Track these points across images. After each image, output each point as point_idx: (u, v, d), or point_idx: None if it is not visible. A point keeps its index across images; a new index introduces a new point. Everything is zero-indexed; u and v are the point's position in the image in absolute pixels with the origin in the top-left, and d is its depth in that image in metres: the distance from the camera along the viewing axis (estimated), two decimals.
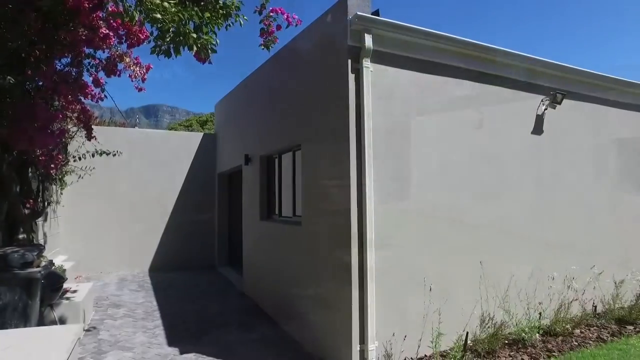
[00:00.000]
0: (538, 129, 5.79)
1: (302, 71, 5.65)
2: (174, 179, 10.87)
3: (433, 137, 4.92)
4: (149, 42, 3.38)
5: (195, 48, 3.19)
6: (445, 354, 4.50)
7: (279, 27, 3.65)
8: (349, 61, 4.37)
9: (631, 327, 5.59)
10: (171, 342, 5.36)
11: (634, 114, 7.09)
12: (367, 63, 4.40)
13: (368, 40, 4.34)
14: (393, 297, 4.45)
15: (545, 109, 5.79)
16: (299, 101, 5.66)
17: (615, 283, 6.15)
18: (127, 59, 5.00)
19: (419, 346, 4.48)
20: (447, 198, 4.96)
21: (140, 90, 5.34)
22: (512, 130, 5.60)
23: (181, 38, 3.01)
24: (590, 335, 5.30)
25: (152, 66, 5.22)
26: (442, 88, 5.03)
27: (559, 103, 5.70)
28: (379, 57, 4.54)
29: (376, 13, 4.42)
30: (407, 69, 4.77)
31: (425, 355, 4.55)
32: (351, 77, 4.38)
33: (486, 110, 5.36)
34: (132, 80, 5.20)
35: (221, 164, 10.64)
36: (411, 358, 4.48)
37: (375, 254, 4.32)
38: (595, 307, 5.98)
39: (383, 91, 4.55)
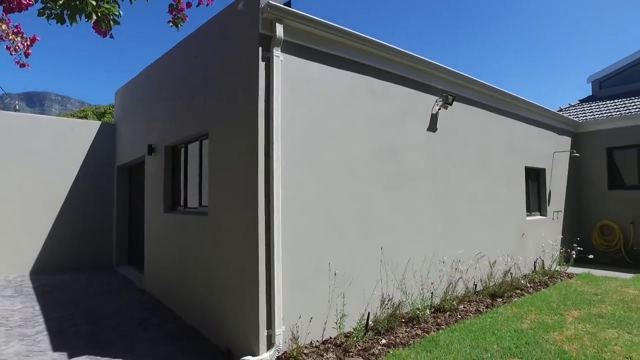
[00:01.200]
0: (433, 127, 6.40)
1: (211, 57, 5.51)
2: (64, 171, 9.76)
3: (339, 130, 5.15)
4: (37, 2, 2.99)
5: (94, 17, 2.91)
6: (349, 334, 4.75)
7: (189, 5, 3.51)
8: (260, 49, 4.39)
9: (500, 300, 6.48)
10: (57, 347, 4.83)
11: (510, 121, 8.21)
12: (277, 52, 4.46)
13: (279, 30, 4.40)
14: (300, 283, 4.57)
15: (439, 109, 6.43)
16: (208, 89, 5.52)
17: (490, 264, 7.07)
18: (4, 27, 4.38)
19: (324, 329, 4.67)
20: (351, 188, 5.22)
21: (22, 66, 4.66)
22: (411, 127, 6.10)
23: (77, 3, 2.72)
24: (471, 309, 6.01)
25: (38, 38, 4.64)
26: (349, 83, 5.30)
27: (450, 104, 6.37)
28: (290, 48, 4.64)
29: (288, 4, 4.50)
30: (317, 61, 4.93)
31: (330, 337, 4.76)
32: (261, 65, 4.40)
33: (389, 106, 5.77)
34: (12, 54, 4.55)
35: (121, 155, 9.86)
36: (317, 340, 4.65)
37: (282, 242, 4.40)
38: (476, 285, 6.79)
39: (293, 81, 4.65)
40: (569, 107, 13.53)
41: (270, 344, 4.27)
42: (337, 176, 5.06)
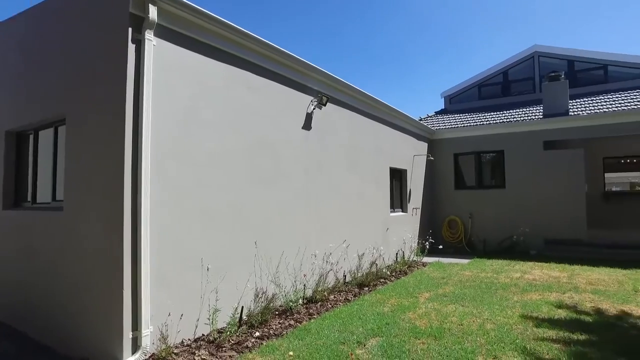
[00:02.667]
0: (308, 125, 6.70)
1: (74, 32, 4.89)
2: None
3: (214, 122, 5.04)
4: None
5: None
6: (222, 330, 4.68)
7: None
8: (130, 30, 4.06)
9: (367, 288, 7.10)
10: None
11: (379, 125, 9.04)
12: (150, 36, 4.19)
13: (152, 12, 4.14)
14: (169, 279, 4.35)
15: (314, 109, 6.77)
16: (68, 68, 4.88)
17: (359, 257, 7.70)
18: None
19: (196, 326, 4.53)
20: (225, 181, 5.15)
21: None
22: (287, 124, 6.29)
23: None
24: (340, 298, 6.46)
25: None
26: (226, 75, 5.23)
27: (324, 105, 6.76)
28: (166, 33, 4.41)
29: None
30: (194, 50, 4.77)
31: (203, 334, 4.63)
32: (131, 48, 4.08)
33: (265, 102, 5.86)
34: None
35: None
36: (189, 338, 4.48)
37: (150, 237, 4.14)
38: (345, 276, 7.32)
39: (166, 68, 4.42)
40: (427, 117, 15.47)
41: (136, 347, 3.98)
42: (211, 169, 4.95)
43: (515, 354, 4.07)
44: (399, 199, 10.45)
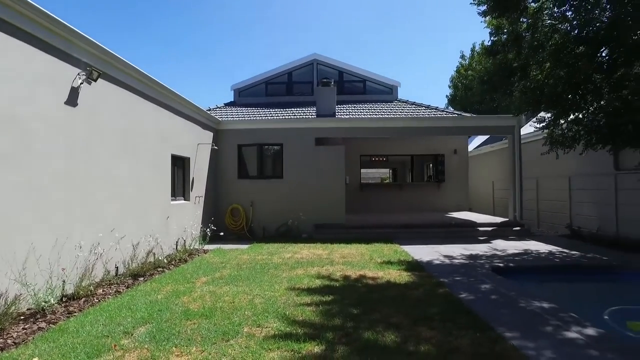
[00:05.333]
0: (73, 101, 5.86)
1: None
2: None
3: None
4: None
5: None
6: None
7: None
8: None
9: (142, 279, 6.77)
10: None
11: (160, 109, 8.62)
12: None
13: None
14: None
15: (82, 83, 5.96)
16: None
17: (134, 246, 7.24)
18: None
19: None
20: None
21: None
22: (43, 97, 5.35)
23: None
24: (111, 291, 5.95)
25: None
26: None
27: (95, 80, 6.05)
28: None
29: None
30: None
31: None
32: None
33: (11, 66, 4.84)
34: None
35: None
36: None
37: None
38: (117, 268, 6.77)
39: None
40: (216, 108, 15.61)
41: None
42: None
43: (276, 320, 4.66)
44: (181, 186, 10.24)
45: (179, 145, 9.72)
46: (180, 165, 10.12)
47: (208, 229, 10.45)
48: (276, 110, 15.00)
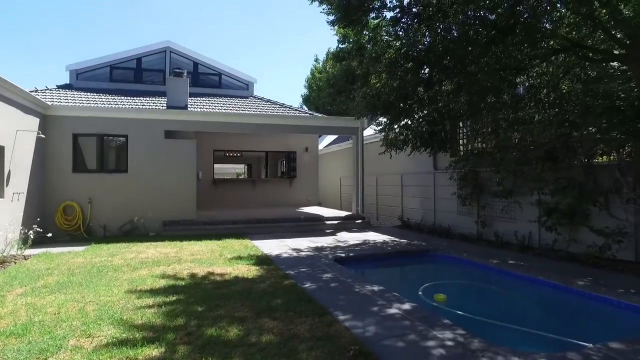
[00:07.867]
0: None
1: None
2: None
3: None
4: None
5: None
6: None
7: None
8: None
9: None
10: None
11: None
12: None
13: None
14: None
15: None
16: None
17: None
18: None
19: None
20: None
21: None
22: None
23: None
24: None
25: None
26: None
27: None
28: None
29: None
30: None
31: None
32: None
33: None
34: None
35: None
36: None
37: None
38: None
39: None
40: (45, 90, 13.40)
41: None
42: None
43: (111, 327, 4.31)
44: None
45: None
46: None
47: (31, 231, 8.97)
48: (122, 98, 13.62)
